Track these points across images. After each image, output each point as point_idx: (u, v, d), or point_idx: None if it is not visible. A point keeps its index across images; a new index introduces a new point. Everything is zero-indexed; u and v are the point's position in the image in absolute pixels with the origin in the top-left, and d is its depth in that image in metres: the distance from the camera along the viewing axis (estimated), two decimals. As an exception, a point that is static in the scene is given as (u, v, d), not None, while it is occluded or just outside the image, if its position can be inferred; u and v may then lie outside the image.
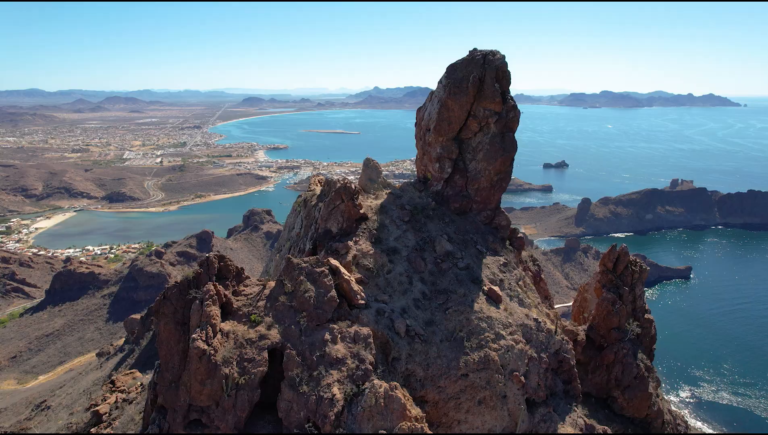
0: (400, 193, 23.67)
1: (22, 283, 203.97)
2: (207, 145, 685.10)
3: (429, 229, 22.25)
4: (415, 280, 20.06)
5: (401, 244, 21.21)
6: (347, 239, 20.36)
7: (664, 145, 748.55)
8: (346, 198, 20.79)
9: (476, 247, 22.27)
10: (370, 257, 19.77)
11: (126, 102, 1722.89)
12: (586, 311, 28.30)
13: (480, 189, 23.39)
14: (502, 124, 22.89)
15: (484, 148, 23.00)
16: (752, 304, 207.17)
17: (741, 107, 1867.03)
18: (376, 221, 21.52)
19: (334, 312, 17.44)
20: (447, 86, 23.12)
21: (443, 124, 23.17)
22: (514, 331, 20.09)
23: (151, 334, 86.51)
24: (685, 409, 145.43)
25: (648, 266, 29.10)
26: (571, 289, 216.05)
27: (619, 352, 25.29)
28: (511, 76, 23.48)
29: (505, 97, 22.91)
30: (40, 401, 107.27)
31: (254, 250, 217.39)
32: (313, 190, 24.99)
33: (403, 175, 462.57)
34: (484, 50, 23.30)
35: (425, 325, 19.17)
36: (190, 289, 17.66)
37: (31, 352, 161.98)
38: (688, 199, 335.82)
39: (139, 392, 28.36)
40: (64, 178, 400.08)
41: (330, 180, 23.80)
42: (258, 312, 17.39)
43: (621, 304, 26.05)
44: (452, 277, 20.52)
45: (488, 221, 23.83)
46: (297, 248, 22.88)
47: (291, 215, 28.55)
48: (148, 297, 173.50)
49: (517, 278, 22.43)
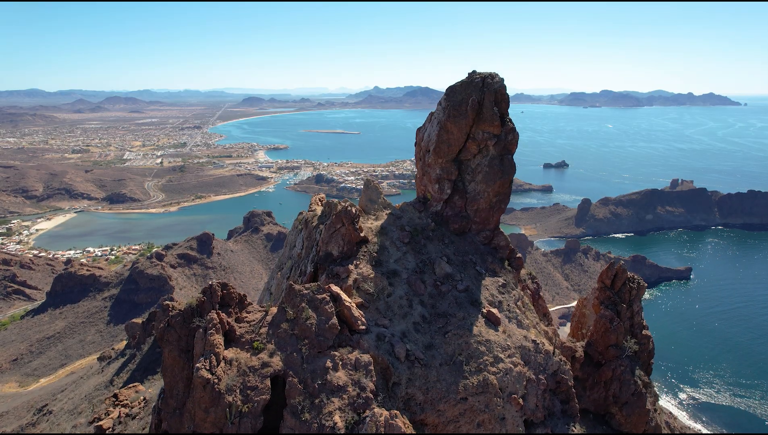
0: (400, 214, 23.94)
1: (23, 285, 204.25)
2: (207, 145, 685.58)
3: (429, 250, 22.53)
4: (415, 303, 20.34)
5: (401, 266, 21.49)
6: (348, 263, 20.64)
7: (664, 145, 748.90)
8: (346, 222, 21.08)
9: (475, 268, 22.54)
10: (371, 281, 20.06)
11: (126, 102, 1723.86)
12: (584, 327, 28.57)
13: (479, 210, 23.67)
14: (501, 146, 23.17)
15: (483, 170, 23.27)
16: (752, 305, 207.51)
17: (741, 106, 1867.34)
18: (377, 244, 21.80)
19: (335, 338, 17.73)
20: (446, 109, 23.39)
21: (443, 146, 23.46)
22: (513, 354, 20.38)
23: (152, 339, 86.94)
24: (684, 410, 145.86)
25: (646, 284, 29.38)
26: (571, 290, 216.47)
27: (617, 369, 25.57)
28: (509, 99, 23.73)
29: (504, 119, 23.18)
30: (41, 405, 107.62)
31: (255, 252, 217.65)
32: (314, 210, 25.26)
33: (403, 175, 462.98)
34: (482, 72, 23.55)
35: (425, 348, 19.46)
36: (194, 318, 17.95)
37: (32, 354, 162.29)
38: (688, 200, 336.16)
39: (142, 407, 28.67)
40: (64, 179, 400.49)
41: (330, 202, 24.04)
42: (260, 339, 17.69)
43: (619, 322, 26.33)
44: (451, 300, 20.80)
45: (487, 241, 24.11)
46: (298, 270, 23.15)
47: (292, 232, 28.81)
48: (149, 299, 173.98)
49: (516, 299, 22.71)
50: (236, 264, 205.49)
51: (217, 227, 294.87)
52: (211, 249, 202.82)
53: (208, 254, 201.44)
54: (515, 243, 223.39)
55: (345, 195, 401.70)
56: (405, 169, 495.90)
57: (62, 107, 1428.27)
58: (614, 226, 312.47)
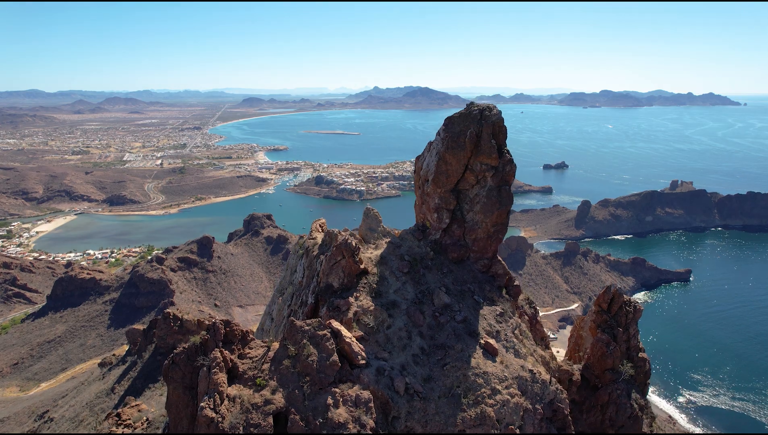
0: (399, 243, 24.32)
1: (24, 289, 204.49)
2: (207, 146, 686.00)
3: (427, 280, 22.93)
4: (414, 335, 20.73)
5: (401, 296, 21.88)
6: (348, 294, 21.03)
7: (663, 146, 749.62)
8: (346, 254, 21.47)
9: (473, 297, 22.94)
10: (371, 314, 20.45)
11: (126, 103, 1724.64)
12: (581, 349, 28.96)
13: (477, 239, 24.08)
14: (498, 177, 23.57)
15: (481, 200, 23.67)
16: (752, 307, 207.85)
17: (741, 106, 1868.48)
18: (377, 274, 22.19)
19: (336, 374, 18.11)
20: (445, 140, 23.79)
21: (441, 176, 23.86)
22: (510, 385, 20.79)
23: (153, 346, 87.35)
24: (683, 413, 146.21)
25: (642, 306, 29.77)
26: (571, 292, 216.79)
27: (613, 393, 25.97)
28: (506, 131, 24.13)
29: (502, 151, 23.59)
30: (42, 411, 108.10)
31: (255, 256, 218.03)
32: (314, 238, 25.65)
33: (403, 176, 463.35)
34: (480, 104, 23.94)
35: (424, 381, 19.86)
36: (198, 356, 18.33)
37: (33, 358, 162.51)
38: (687, 201, 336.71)
39: (145, 428, 29.03)
40: (64, 181, 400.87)
41: (331, 232, 24.42)
42: (263, 375, 18.07)
43: (615, 346, 26.73)
44: (450, 331, 21.20)
45: (485, 269, 24.51)
46: (299, 299, 23.55)
47: (292, 256, 29.20)
48: (150, 303, 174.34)
49: (513, 327, 23.11)
50: (236, 267, 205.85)
51: (218, 229, 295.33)
52: (211, 252, 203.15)
53: (209, 258, 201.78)
54: (515, 246, 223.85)
55: (345, 196, 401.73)
56: (405, 170, 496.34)
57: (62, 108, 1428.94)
58: (614, 227, 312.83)
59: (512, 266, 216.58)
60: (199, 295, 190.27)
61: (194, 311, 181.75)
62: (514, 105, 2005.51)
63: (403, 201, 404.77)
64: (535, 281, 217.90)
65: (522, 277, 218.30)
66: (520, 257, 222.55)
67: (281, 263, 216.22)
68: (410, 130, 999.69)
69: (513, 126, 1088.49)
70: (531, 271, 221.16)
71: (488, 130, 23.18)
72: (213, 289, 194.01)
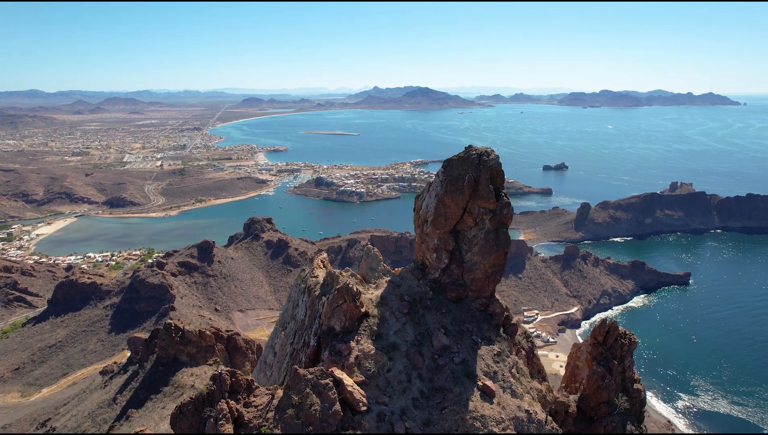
0: (399, 282, 24.94)
1: (24, 293, 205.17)
2: (207, 147, 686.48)
3: (427, 320, 23.55)
4: (413, 378, 21.33)
5: (401, 338, 22.50)
6: (350, 338, 21.64)
7: (663, 146, 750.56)
8: (348, 299, 22.09)
9: (472, 337, 23.56)
10: (371, 359, 21.06)
11: (126, 103, 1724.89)
12: (578, 380, 29.60)
13: (475, 279, 24.72)
14: (496, 220, 24.21)
15: (479, 242, 24.29)
16: (750, 311, 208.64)
17: (741, 106, 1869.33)
18: (377, 316, 22.81)
19: (338, 422, 18.70)
20: (444, 183, 24.41)
21: (440, 218, 24.49)
22: (507, 427, 21.42)
23: (155, 357, 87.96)
24: (682, 417, 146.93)
25: (637, 338, 30.40)
26: (570, 296, 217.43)
27: (608, 426, 26.60)
28: (504, 175, 24.78)
29: (499, 194, 24.22)
30: (44, 420, 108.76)
31: (255, 260, 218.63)
32: (316, 276, 26.27)
33: (403, 178, 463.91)
34: (479, 148, 24.58)
35: (423, 425, 20.46)
36: (205, 407, 18.92)
37: (34, 363, 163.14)
38: (687, 203, 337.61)
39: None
40: (64, 183, 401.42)
41: (333, 273, 25.03)
42: (267, 424, 18.66)
43: (610, 379, 27.36)
44: (449, 374, 21.81)
45: (483, 308, 25.15)
46: (302, 339, 24.18)
47: (295, 289, 29.80)
48: (150, 308, 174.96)
49: (510, 366, 23.74)
50: (236, 272, 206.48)
51: (218, 232, 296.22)
52: (211, 257, 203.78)
53: (209, 262, 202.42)
54: (515, 249, 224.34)
55: (345, 198, 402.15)
56: (405, 172, 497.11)
57: (62, 108, 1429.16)
58: (613, 230, 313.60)
59: (512, 270, 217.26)
60: (200, 299, 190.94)
61: (195, 316, 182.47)
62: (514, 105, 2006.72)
63: (403, 203, 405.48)
64: (535, 285, 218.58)
65: (521, 280, 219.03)
66: (519, 261, 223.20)
67: (281, 267, 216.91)
68: (410, 131, 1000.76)
69: (513, 126, 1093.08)
70: (531, 275, 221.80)
71: (486, 175, 23.80)
72: (213, 293, 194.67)
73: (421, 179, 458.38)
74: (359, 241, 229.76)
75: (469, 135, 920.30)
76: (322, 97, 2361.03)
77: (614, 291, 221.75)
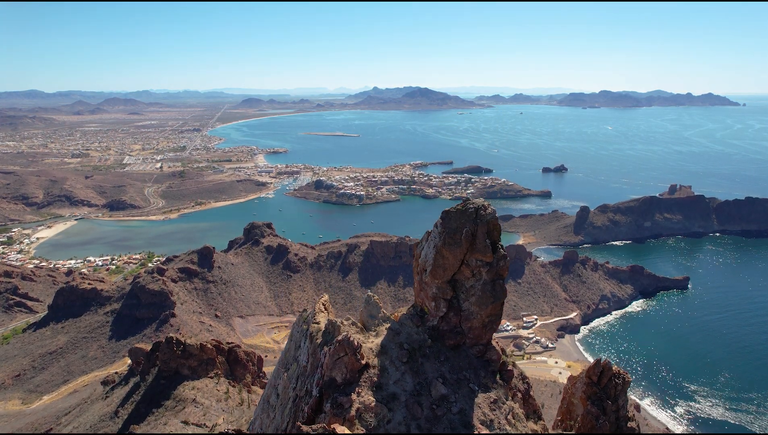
0: (398, 329, 25.61)
1: (25, 298, 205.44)
2: (207, 149, 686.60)
3: (426, 369, 24.20)
4: (412, 429, 21.97)
5: (400, 387, 23.14)
6: (351, 390, 22.29)
7: (662, 148, 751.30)
8: (349, 352, 22.77)
9: (469, 385, 24.23)
10: (372, 411, 21.71)
11: (125, 103, 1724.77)
12: (572, 418, 30.29)
13: (473, 328, 25.39)
14: (493, 272, 24.88)
15: (476, 293, 24.96)
16: (749, 316, 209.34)
17: (740, 106, 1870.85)
18: (377, 366, 23.49)
19: (340, 478, 19.37)
20: (442, 234, 25.09)
21: (439, 269, 25.17)
22: (503, 475, 22.08)
23: (156, 369, 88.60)
24: (680, 423, 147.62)
25: (631, 378, 31.04)
26: (570, 301, 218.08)
27: (604, 465, 27.27)
28: (500, 229, 25.46)
29: (496, 247, 24.90)
30: (46, 429, 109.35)
31: (255, 265, 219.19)
32: (318, 323, 26.94)
33: (402, 181, 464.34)
34: (476, 202, 25.26)
35: (422, 478, 21.12)
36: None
37: (35, 370, 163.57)
38: (686, 207, 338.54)
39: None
40: (64, 185, 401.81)
41: (334, 323, 25.73)
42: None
43: (604, 419, 28.05)
44: (446, 424, 22.45)
45: (480, 355, 25.84)
46: (304, 387, 24.85)
47: (296, 329, 30.46)
48: (151, 315, 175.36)
49: (507, 413, 24.41)
50: (237, 277, 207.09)
51: (217, 235, 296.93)
52: (211, 262, 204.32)
53: (209, 268, 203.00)
54: (514, 254, 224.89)
55: (344, 201, 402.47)
56: (404, 174, 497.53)
57: (61, 109, 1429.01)
58: (613, 233, 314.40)
59: (511, 275, 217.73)
60: (200, 305, 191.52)
61: (195, 323, 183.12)
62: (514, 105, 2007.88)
63: (403, 205, 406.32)
64: (534, 290, 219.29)
65: (521, 285, 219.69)
66: (518, 266, 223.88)
67: (281, 273, 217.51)
68: (410, 132, 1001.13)
69: (512, 127, 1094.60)
70: (530, 280, 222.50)
71: (483, 229, 24.46)
72: (214, 299, 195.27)
73: (421, 182, 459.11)
74: (359, 246, 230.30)
75: (469, 136, 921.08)
76: (322, 98, 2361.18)
77: (613, 296, 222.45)
